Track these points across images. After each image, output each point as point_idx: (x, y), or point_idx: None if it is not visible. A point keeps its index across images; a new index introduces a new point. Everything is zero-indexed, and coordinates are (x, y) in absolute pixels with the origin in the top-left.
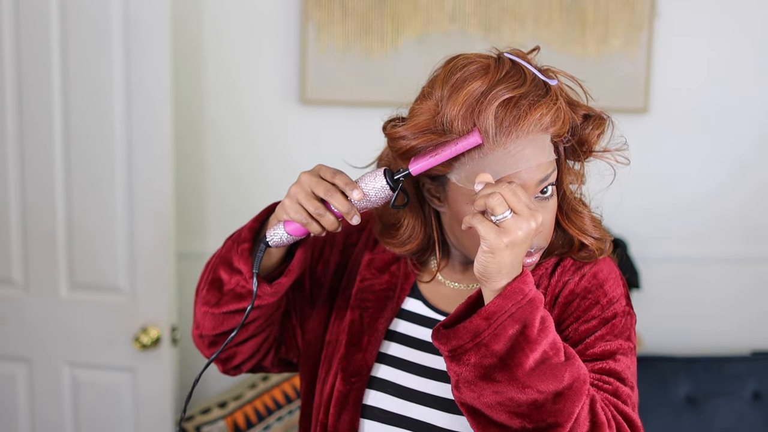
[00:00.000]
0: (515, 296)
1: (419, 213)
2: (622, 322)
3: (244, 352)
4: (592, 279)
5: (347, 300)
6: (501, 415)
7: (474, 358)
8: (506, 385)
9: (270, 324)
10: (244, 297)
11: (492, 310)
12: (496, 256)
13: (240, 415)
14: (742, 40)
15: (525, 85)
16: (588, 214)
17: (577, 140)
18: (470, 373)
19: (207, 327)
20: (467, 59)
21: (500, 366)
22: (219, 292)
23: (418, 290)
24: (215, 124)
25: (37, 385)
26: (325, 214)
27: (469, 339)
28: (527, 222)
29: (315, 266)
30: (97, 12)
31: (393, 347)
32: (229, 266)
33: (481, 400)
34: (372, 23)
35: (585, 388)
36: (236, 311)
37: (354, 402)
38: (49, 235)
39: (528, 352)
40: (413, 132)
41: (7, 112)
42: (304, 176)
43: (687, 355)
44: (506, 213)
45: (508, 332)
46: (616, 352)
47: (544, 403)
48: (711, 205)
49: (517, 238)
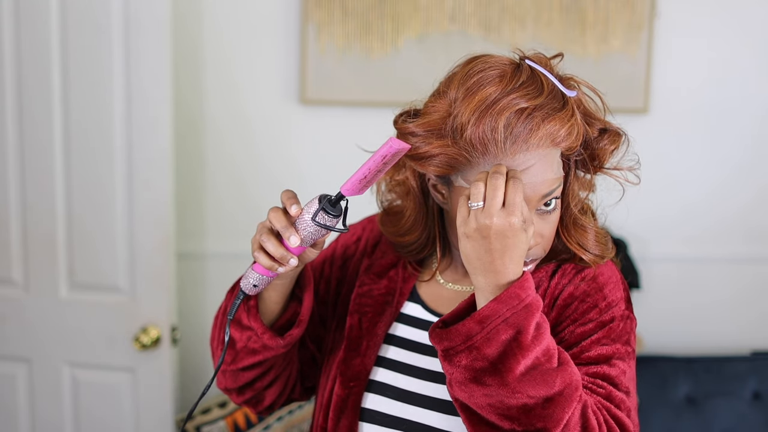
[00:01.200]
0: (511, 301)
1: (422, 205)
2: (621, 326)
3: (271, 394)
4: (592, 282)
5: (346, 307)
6: (491, 415)
7: (465, 360)
8: (496, 389)
9: (288, 362)
10: (257, 351)
11: (486, 314)
12: (461, 242)
13: (240, 415)
14: (742, 40)
15: (541, 96)
16: (593, 228)
17: (589, 154)
18: (461, 374)
19: (228, 383)
20: (486, 63)
21: (491, 370)
22: (233, 350)
23: (418, 294)
24: (215, 124)
25: (37, 385)
26: (269, 240)
27: (461, 341)
28: (489, 217)
29: (317, 287)
30: (97, 12)
31: (392, 351)
32: (239, 325)
33: (472, 400)
34: (372, 23)
35: (577, 394)
36: (252, 366)
37: (353, 406)
38: (49, 235)
39: (520, 358)
40: (424, 129)
41: (7, 112)
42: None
43: (687, 355)
44: (479, 203)
45: (501, 337)
46: (612, 357)
47: (533, 407)
48: (711, 205)
49: (469, 230)
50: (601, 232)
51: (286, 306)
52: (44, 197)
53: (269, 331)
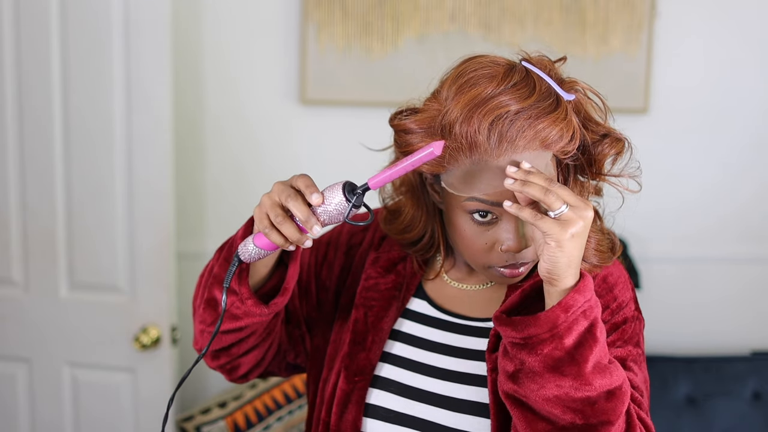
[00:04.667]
0: (586, 293)
1: (421, 204)
2: (632, 327)
3: (247, 362)
4: (601, 283)
5: (351, 299)
6: (555, 408)
7: (547, 349)
8: (570, 380)
9: (270, 333)
10: (239, 317)
11: (570, 303)
12: (564, 249)
13: (240, 415)
14: (742, 40)
15: (531, 97)
16: (595, 238)
17: (587, 159)
18: (539, 363)
19: (206, 344)
20: (479, 63)
21: (568, 360)
22: (214, 311)
23: (424, 290)
24: (215, 124)
25: (37, 385)
26: (284, 222)
27: (548, 329)
28: (585, 211)
29: (320, 270)
30: (97, 12)
31: (397, 347)
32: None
33: (539, 392)
34: (372, 23)
35: (629, 390)
36: (231, 331)
37: (357, 401)
38: (49, 235)
39: (594, 349)
40: (419, 126)
41: (8, 112)
42: (275, 185)
43: (687, 355)
44: (563, 207)
45: (579, 328)
46: (626, 359)
47: (597, 400)
48: (711, 205)
49: (579, 228)
50: (603, 238)
51: (272, 272)
52: (44, 197)
53: (254, 297)
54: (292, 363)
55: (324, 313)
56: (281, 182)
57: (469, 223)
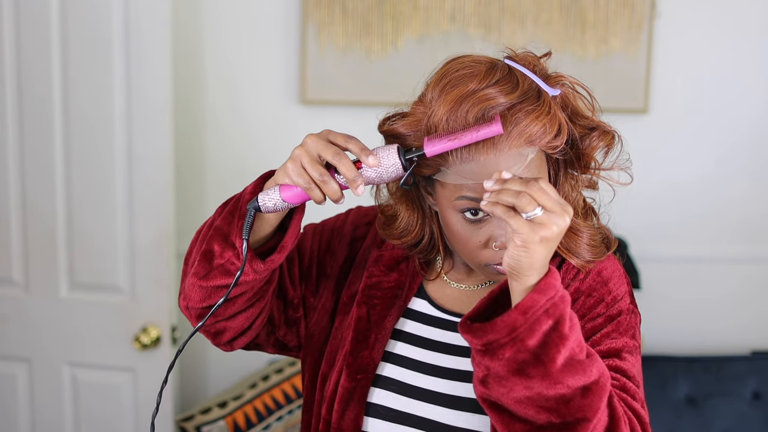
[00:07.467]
0: (549, 291)
1: (416, 207)
2: (627, 320)
3: (233, 327)
4: (596, 277)
5: (353, 296)
6: (528, 410)
7: (509, 353)
8: (538, 381)
9: (259, 298)
10: (233, 274)
11: (528, 304)
12: (530, 251)
13: (240, 415)
14: (742, 41)
15: (514, 93)
16: (587, 231)
17: (575, 154)
18: (503, 367)
19: (194, 299)
20: (461, 63)
21: (533, 361)
22: (209, 264)
23: (425, 290)
24: (215, 124)
25: (37, 385)
26: (330, 181)
27: (506, 333)
28: (560, 217)
29: (323, 257)
30: (98, 14)
31: (399, 346)
32: (224, 239)
33: (510, 395)
34: (372, 23)
35: (609, 383)
36: (224, 286)
37: (359, 399)
38: (49, 235)
39: (561, 348)
40: (408, 130)
41: (8, 112)
42: (310, 139)
43: (687, 355)
44: (536, 210)
45: (543, 327)
46: (621, 350)
47: (572, 397)
48: (711, 205)
49: (552, 234)
50: (596, 234)
51: (274, 233)
52: (44, 197)
53: (251, 251)
54: (282, 340)
55: (322, 300)
56: (315, 135)
57: (461, 222)
